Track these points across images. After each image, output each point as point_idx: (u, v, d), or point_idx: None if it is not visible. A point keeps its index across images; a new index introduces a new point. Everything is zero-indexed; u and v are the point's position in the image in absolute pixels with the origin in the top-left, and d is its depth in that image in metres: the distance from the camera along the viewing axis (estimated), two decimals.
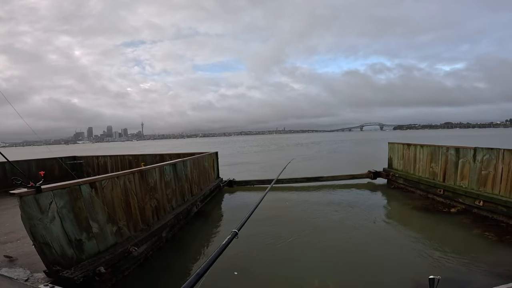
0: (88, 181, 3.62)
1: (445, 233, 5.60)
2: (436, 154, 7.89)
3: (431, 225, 6.07)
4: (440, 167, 7.70)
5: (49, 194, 3.07)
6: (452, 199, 7.07)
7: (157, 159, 10.48)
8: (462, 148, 7.03)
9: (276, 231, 6.05)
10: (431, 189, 7.93)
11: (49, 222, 3.08)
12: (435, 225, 6.04)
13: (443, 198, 7.41)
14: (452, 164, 7.23)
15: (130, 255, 4.05)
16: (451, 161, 7.26)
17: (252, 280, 4.18)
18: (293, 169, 16.80)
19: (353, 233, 5.75)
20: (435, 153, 7.95)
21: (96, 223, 3.70)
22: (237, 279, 4.14)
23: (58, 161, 10.85)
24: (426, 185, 8.18)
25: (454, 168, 7.12)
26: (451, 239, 5.27)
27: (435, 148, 7.99)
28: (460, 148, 7.09)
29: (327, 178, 10.90)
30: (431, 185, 7.90)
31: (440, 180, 7.66)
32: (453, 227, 5.83)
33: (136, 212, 4.56)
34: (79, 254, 3.42)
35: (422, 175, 8.56)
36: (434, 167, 7.96)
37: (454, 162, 7.13)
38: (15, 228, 5.00)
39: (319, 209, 7.67)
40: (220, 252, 0.66)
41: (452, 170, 7.20)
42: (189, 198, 7.00)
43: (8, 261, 3.61)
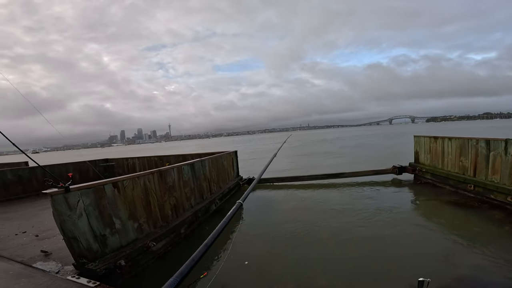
0: (111, 181, 3.96)
1: (475, 228, 5.34)
2: (466, 147, 7.42)
3: (460, 221, 5.79)
4: (470, 161, 7.24)
5: (76, 194, 3.42)
6: (483, 195, 6.64)
7: (180, 159, 10.95)
8: (493, 140, 6.54)
9: (291, 227, 6.15)
10: (461, 184, 7.48)
11: (77, 218, 3.43)
12: (465, 221, 5.76)
13: (474, 194, 6.97)
14: (483, 158, 6.76)
15: (148, 249, 4.33)
16: (482, 154, 6.79)
17: (262, 270, 4.35)
18: (315, 165, 16.74)
19: (374, 229, 5.66)
20: (464, 146, 7.48)
21: (119, 219, 4.03)
22: (247, 268, 4.39)
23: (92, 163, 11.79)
24: (455, 180, 7.74)
25: (485, 162, 6.65)
26: (481, 235, 5.03)
27: (464, 141, 7.51)
28: (491, 140, 6.59)
29: (348, 174, 10.68)
30: (461, 180, 7.46)
31: (471, 174, 7.20)
32: (484, 223, 5.52)
33: (155, 210, 4.87)
34: (103, 248, 3.74)
35: (451, 170, 8.10)
36: (464, 161, 7.50)
37: (485, 155, 6.66)
38: (53, 226, 5.58)
39: (337, 205, 7.57)
40: (226, 222, 0.75)
41: (483, 164, 6.73)
42: (208, 196, 7.26)
43: (43, 255, 4.03)
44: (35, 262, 3.78)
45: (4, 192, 9.10)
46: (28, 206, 7.92)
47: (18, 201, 8.98)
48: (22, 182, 9.70)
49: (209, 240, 0.71)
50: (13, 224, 5.91)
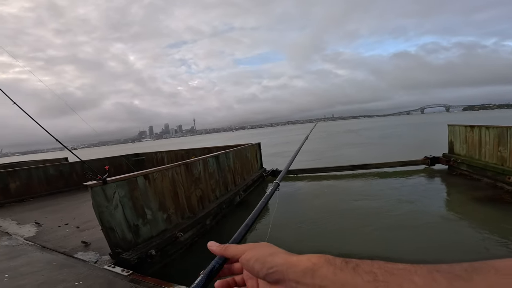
0: (143, 174, 4.21)
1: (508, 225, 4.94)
2: (504, 136, 6.88)
3: (496, 218, 5.38)
4: (509, 151, 6.71)
5: (113, 185, 3.68)
6: None
7: (205, 152, 11.25)
8: None
9: (315, 217, 6.14)
10: (499, 176, 6.96)
11: (113, 209, 3.69)
12: (501, 218, 5.33)
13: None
14: None
15: (177, 240, 4.51)
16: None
17: None
18: (339, 156, 16.38)
19: (400, 223, 5.47)
20: (503, 135, 6.94)
21: (150, 210, 4.27)
22: None
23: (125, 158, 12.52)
24: (493, 172, 7.22)
25: None
26: None
27: (503, 130, 6.95)
28: None
29: (375, 165, 10.36)
30: (499, 172, 6.94)
31: (510, 166, 6.68)
32: None
33: (183, 201, 5.09)
34: (136, 238, 3.97)
35: (488, 161, 7.56)
36: (503, 151, 6.96)
37: None
38: (92, 218, 5.85)
39: (362, 197, 7.40)
40: (265, 202, 0.81)
41: None
42: (232, 188, 7.44)
43: (83, 246, 4.34)
44: (76, 252, 4.09)
45: (47, 187, 9.95)
46: (70, 199, 8.58)
47: (61, 194, 9.78)
48: (63, 177, 10.54)
49: (249, 221, 0.76)
50: (56, 217, 6.42)
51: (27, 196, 9.26)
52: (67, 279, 3.20)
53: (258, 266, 0.40)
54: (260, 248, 0.43)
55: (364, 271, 0.32)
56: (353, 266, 0.33)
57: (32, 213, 7.11)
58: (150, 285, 3.03)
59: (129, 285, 3.02)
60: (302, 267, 0.36)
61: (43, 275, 3.35)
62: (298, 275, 0.36)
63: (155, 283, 3.07)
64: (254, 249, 0.44)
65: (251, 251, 0.43)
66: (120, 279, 3.18)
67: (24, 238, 4.98)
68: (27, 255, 4.10)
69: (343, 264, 0.34)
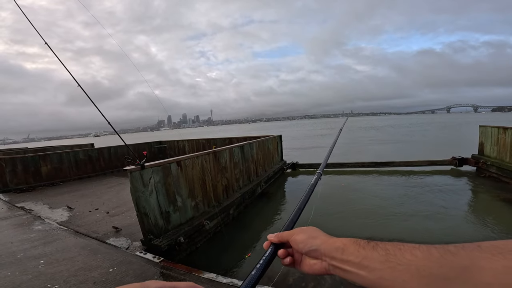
0: (176, 160, 4.28)
1: None
2: None
3: None
4: None
5: (149, 171, 3.75)
6: None
7: (226, 142, 11.39)
8: None
9: (331, 216, 6.00)
10: None
11: (148, 195, 3.75)
12: None
13: None
14: None
15: (203, 228, 4.57)
16: None
17: None
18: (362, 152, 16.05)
19: (421, 225, 5.30)
20: None
21: (180, 197, 4.35)
22: None
23: (149, 145, 12.91)
24: None
25: None
26: None
27: None
28: None
29: (399, 163, 10.08)
30: None
31: None
32: None
33: (210, 190, 5.16)
34: (166, 225, 4.01)
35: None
36: None
37: None
38: (120, 203, 6.16)
39: (385, 197, 7.19)
40: (311, 190, 0.82)
41: None
42: (254, 179, 7.48)
43: (115, 231, 4.42)
44: (108, 238, 4.15)
45: (76, 171, 10.32)
46: (98, 184, 8.85)
47: (89, 179, 10.14)
48: (91, 162, 10.93)
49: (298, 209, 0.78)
50: (86, 201, 6.61)
51: (58, 179, 9.62)
52: (102, 265, 3.23)
53: (302, 245, 0.55)
54: (305, 232, 0.57)
55: (380, 248, 0.43)
56: (373, 245, 0.45)
57: (63, 197, 7.35)
58: (182, 272, 3.05)
59: (161, 272, 3.05)
60: (335, 246, 0.49)
61: (78, 260, 3.38)
62: (332, 252, 0.49)
63: (186, 270, 3.09)
64: (301, 232, 0.57)
65: (298, 235, 0.57)
66: (152, 265, 3.20)
67: (57, 222, 5.07)
68: (62, 240, 4.14)
69: (365, 244, 0.46)
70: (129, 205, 5.79)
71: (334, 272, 0.49)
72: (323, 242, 0.52)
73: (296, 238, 0.56)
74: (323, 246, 0.51)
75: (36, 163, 9.27)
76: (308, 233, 0.56)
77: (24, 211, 6.09)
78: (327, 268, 0.50)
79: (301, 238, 0.56)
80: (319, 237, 0.54)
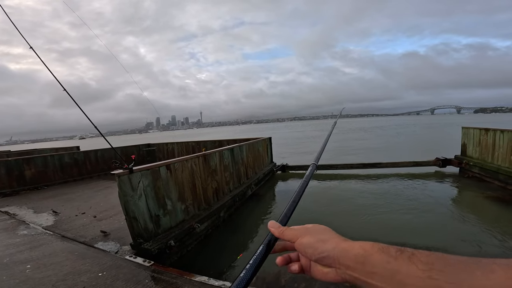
0: (165, 164, 4.26)
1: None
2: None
3: (506, 218, 5.44)
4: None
5: (138, 175, 3.72)
6: None
7: (216, 144, 11.35)
8: None
9: (320, 216, 6.13)
10: (511, 180, 6.95)
11: (137, 198, 3.72)
12: (509, 218, 5.41)
13: None
14: None
15: (193, 231, 4.56)
16: None
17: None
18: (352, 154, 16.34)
19: (412, 225, 5.47)
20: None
21: (170, 201, 4.33)
22: None
23: (137, 148, 12.71)
24: (505, 176, 7.19)
25: None
26: None
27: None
28: None
29: (386, 164, 10.33)
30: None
31: None
32: None
33: (200, 193, 5.15)
34: (156, 229, 3.99)
35: (501, 164, 7.51)
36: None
37: None
38: (108, 207, 6.04)
39: (373, 197, 7.39)
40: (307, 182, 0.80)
41: None
42: (245, 181, 7.50)
43: (103, 235, 4.33)
44: (96, 242, 4.07)
45: (62, 175, 10.04)
46: (84, 188, 8.64)
47: (74, 183, 9.88)
48: (77, 165, 10.64)
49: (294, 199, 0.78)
50: (72, 205, 6.45)
51: (42, 183, 9.35)
52: (91, 269, 3.17)
53: (310, 251, 0.44)
54: (313, 233, 0.46)
55: (419, 260, 0.32)
56: (409, 256, 0.33)
57: (48, 201, 7.15)
58: (173, 275, 3.02)
59: (152, 276, 3.01)
60: (353, 253, 0.38)
61: (66, 265, 3.30)
62: (349, 261, 0.38)
63: (178, 274, 3.06)
64: (307, 234, 0.46)
65: (304, 237, 0.46)
66: (142, 269, 3.17)
67: (42, 227, 4.95)
68: (48, 245, 4.05)
69: (398, 253, 0.34)
70: (117, 209, 5.69)
71: (357, 283, 0.38)
72: (335, 246, 0.41)
73: (303, 242, 0.45)
74: (336, 252, 0.41)
75: (20, 167, 8.99)
76: (316, 236, 0.45)
77: (8, 215, 5.91)
78: (346, 278, 0.40)
79: (308, 241, 0.45)
80: (330, 240, 0.43)
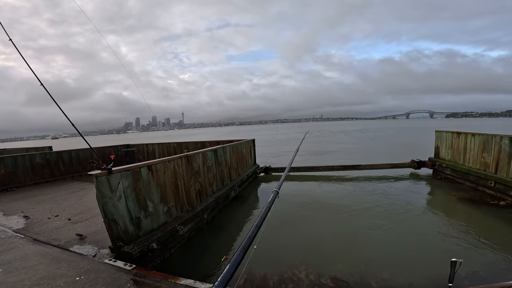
0: (146, 164, 4.14)
1: (491, 225, 5.40)
2: (489, 144, 7.29)
3: (477, 217, 5.81)
4: (492, 157, 7.13)
5: (117, 175, 3.59)
6: (504, 192, 6.59)
7: (198, 146, 11.21)
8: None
9: (304, 217, 6.29)
10: (481, 180, 7.41)
11: (117, 200, 3.59)
12: (482, 218, 5.78)
13: (494, 190, 6.92)
14: (505, 155, 6.65)
15: (177, 233, 4.47)
16: (505, 151, 6.67)
17: (269, 254, 4.26)
18: (331, 157, 16.75)
19: (388, 223, 5.71)
20: (488, 142, 7.35)
21: (152, 202, 4.21)
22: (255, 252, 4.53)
23: (115, 148, 12.26)
24: (476, 177, 7.66)
25: (508, 159, 6.56)
26: (497, 232, 5.06)
27: (488, 137, 7.37)
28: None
29: (365, 166, 10.68)
30: (482, 177, 7.38)
31: (492, 171, 7.11)
32: (501, 220, 5.53)
33: (183, 194, 5.06)
34: (137, 231, 3.87)
35: (472, 166, 8.00)
36: (486, 157, 7.38)
37: (508, 152, 6.56)
38: (83, 210, 5.82)
39: (349, 197, 7.65)
40: (266, 212, 0.80)
41: (505, 161, 6.64)
42: (228, 183, 7.45)
43: (79, 239, 4.17)
44: (71, 246, 3.91)
45: (33, 176, 9.52)
46: (57, 190, 8.24)
47: (46, 184, 9.40)
48: (49, 166, 10.14)
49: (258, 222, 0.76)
50: (44, 208, 6.14)
51: (12, 185, 8.85)
52: (67, 273, 3.05)
53: None
54: None
55: None
56: None
57: (17, 203, 6.80)
58: (157, 279, 2.94)
59: (134, 280, 2.92)
60: None
61: (40, 269, 3.17)
62: None
63: (161, 277, 2.99)
64: None
65: None
66: (123, 273, 3.06)
67: (13, 230, 4.72)
68: (19, 249, 3.87)
69: None
70: (94, 212, 5.47)
71: None
72: None
73: None
74: None
75: None
76: None
77: None
78: None
79: None
80: None
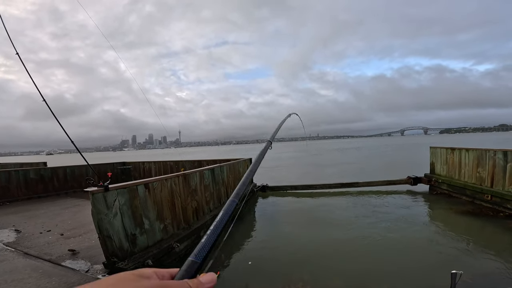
0: (143, 182, 4.15)
1: (490, 236, 5.49)
2: (483, 158, 7.42)
3: (476, 228, 5.88)
4: (487, 172, 7.24)
5: (114, 193, 3.60)
6: (500, 205, 6.67)
7: (195, 164, 11.17)
8: (511, 151, 6.59)
9: (300, 233, 6.30)
10: (478, 194, 7.49)
11: (112, 217, 3.58)
12: (480, 229, 5.85)
13: (491, 204, 7.01)
14: (500, 169, 6.78)
15: (172, 250, 4.44)
16: (499, 165, 6.80)
17: (265, 270, 4.46)
18: (329, 174, 16.78)
19: (387, 236, 5.72)
20: (482, 157, 7.48)
21: (148, 220, 4.18)
22: (250, 268, 4.54)
23: (111, 166, 12.17)
24: (472, 191, 7.74)
25: (503, 173, 6.69)
26: (495, 242, 5.14)
27: (482, 152, 7.52)
28: (508, 151, 6.65)
29: (362, 184, 10.69)
30: (478, 191, 7.46)
31: (488, 185, 7.20)
32: (500, 230, 5.61)
33: (179, 212, 5.03)
34: (133, 248, 3.84)
35: (468, 181, 8.09)
36: (481, 171, 7.49)
37: (502, 166, 6.70)
38: (77, 225, 5.73)
39: (348, 214, 7.63)
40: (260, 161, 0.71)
41: (501, 175, 6.76)
42: (225, 201, 7.36)
43: (71, 254, 4.11)
44: (63, 260, 3.85)
45: (25, 191, 9.43)
46: (50, 205, 8.15)
47: (39, 200, 9.27)
48: (43, 181, 10.02)
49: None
50: (36, 222, 6.07)
51: (4, 199, 8.77)
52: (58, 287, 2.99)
53: None
54: None
55: None
56: None
57: (9, 217, 6.73)
58: None
59: None
60: None
61: (29, 283, 3.10)
62: None
63: None
64: None
65: None
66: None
67: (3, 243, 4.66)
68: (9, 261, 3.80)
69: None
70: (88, 228, 5.38)
71: None
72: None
73: None
74: None
75: None
76: None
77: None
78: None
79: None
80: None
